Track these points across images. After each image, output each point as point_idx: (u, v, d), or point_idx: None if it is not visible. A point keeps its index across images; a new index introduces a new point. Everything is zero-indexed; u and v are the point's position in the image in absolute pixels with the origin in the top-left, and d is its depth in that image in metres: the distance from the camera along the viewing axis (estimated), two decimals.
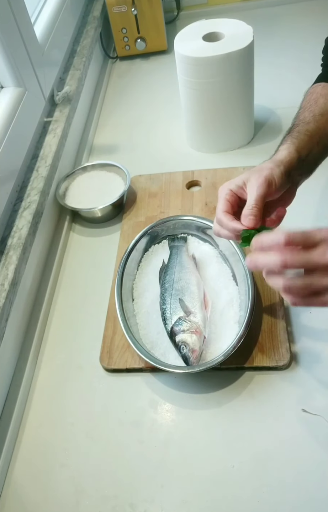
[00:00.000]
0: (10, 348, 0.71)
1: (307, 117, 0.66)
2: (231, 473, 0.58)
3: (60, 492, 0.60)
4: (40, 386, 0.70)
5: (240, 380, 0.65)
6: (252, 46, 0.86)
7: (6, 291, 0.65)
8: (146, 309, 0.73)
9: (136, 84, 1.27)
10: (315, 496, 0.55)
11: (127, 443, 0.63)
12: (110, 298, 0.77)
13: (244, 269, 0.71)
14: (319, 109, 0.66)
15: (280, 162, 0.59)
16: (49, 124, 0.93)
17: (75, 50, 1.14)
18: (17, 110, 0.81)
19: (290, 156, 0.59)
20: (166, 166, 0.98)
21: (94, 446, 0.63)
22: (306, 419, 0.61)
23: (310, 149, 0.62)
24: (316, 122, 0.65)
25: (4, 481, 0.62)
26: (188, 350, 0.64)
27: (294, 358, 0.66)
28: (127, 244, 0.81)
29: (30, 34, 0.89)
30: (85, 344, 0.73)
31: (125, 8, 1.23)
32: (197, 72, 0.87)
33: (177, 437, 0.62)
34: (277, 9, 1.40)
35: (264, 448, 0.59)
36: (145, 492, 0.58)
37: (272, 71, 1.16)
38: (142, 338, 0.69)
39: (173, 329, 0.66)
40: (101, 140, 1.12)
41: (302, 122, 0.66)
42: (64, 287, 0.83)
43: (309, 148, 0.62)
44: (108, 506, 0.58)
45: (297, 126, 0.65)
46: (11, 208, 0.78)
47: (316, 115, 0.66)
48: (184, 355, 0.64)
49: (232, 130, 0.98)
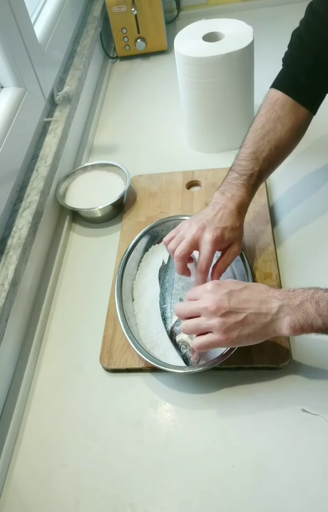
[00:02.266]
0: (10, 348, 0.71)
1: (263, 146, 0.70)
2: (231, 473, 0.58)
3: (60, 492, 0.60)
4: (40, 386, 0.70)
5: (240, 380, 0.65)
6: (252, 46, 0.86)
7: (6, 291, 0.65)
8: (146, 308, 0.73)
9: (136, 84, 1.27)
10: (315, 496, 0.55)
11: (127, 443, 0.63)
12: (110, 298, 0.77)
13: (245, 268, 0.71)
14: (276, 140, 0.70)
15: (234, 209, 0.68)
16: (49, 124, 0.93)
17: (75, 50, 1.14)
18: (17, 110, 0.81)
19: (242, 198, 0.68)
20: (166, 166, 0.98)
21: (94, 446, 0.63)
22: (306, 419, 0.61)
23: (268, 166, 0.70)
24: (271, 154, 0.70)
25: (4, 481, 0.62)
26: (188, 350, 0.64)
27: (294, 358, 0.66)
28: (127, 244, 0.81)
29: (30, 34, 0.89)
30: (85, 344, 0.73)
31: (125, 8, 1.23)
32: (197, 72, 0.87)
33: (177, 437, 0.62)
34: (277, 9, 1.40)
35: (264, 448, 0.59)
36: (145, 492, 0.58)
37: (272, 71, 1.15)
38: (142, 338, 0.69)
39: (173, 329, 0.67)
40: (101, 140, 1.12)
41: (258, 150, 0.70)
42: (64, 287, 0.83)
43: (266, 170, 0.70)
44: (108, 506, 0.58)
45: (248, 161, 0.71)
46: (11, 208, 0.78)
47: (272, 148, 0.70)
48: (184, 355, 0.65)
49: (232, 130, 0.98)
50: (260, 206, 0.85)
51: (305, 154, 0.74)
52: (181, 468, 0.60)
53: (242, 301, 0.55)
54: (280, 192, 0.89)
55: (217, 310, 0.55)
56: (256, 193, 0.87)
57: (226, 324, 0.55)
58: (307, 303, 0.54)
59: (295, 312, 0.54)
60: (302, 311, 0.53)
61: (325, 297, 0.53)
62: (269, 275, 0.73)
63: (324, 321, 0.53)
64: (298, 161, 0.75)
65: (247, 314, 0.54)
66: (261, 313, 0.54)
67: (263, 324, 0.55)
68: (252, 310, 0.54)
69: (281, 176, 0.91)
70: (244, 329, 0.55)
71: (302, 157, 0.75)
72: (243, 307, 0.55)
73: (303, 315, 0.53)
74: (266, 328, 0.55)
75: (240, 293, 0.56)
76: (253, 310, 0.54)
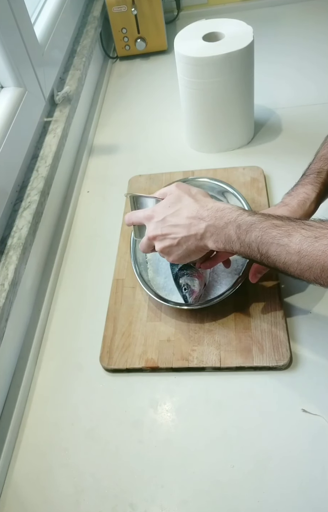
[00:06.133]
0: (10, 348, 0.71)
1: None
2: (231, 473, 0.58)
3: (60, 492, 0.60)
4: (40, 386, 0.70)
5: (240, 380, 0.66)
6: (252, 46, 0.86)
7: (6, 291, 0.65)
8: (158, 256, 0.78)
9: (136, 84, 1.27)
10: (315, 496, 0.55)
11: (127, 443, 0.63)
12: (110, 298, 0.77)
13: None
14: None
15: (294, 205, 0.68)
16: (49, 124, 0.93)
17: (75, 50, 1.14)
18: (17, 110, 0.81)
19: (306, 194, 0.68)
20: (166, 166, 0.98)
21: (94, 446, 0.63)
22: (306, 419, 0.61)
23: None
24: None
25: (4, 481, 0.62)
26: (189, 291, 0.70)
27: (294, 358, 0.66)
28: (127, 244, 0.81)
29: (30, 34, 0.89)
30: (85, 344, 0.73)
31: (125, 8, 1.23)
32: (197, 72, 0.87)
33: (177, 437, 0.62)
34: (277, 9, 1.40)
35: (264, 448, 0.59)
36: (145, 492, 0.58)
37: (272, 71, 1.16)
38: (150, 280, 0.76)
39: (178, 272, 0.72)
40: (101, 140, 1.12)
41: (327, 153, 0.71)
42: (64, 287, 0.83)
43: None
44: (108, 506, 0.58)
45: None
46: (11, 208, 0.78)
47: None
48: (184, 295, 0.71)
49: (232, 130, 0.98)
50: (260, 206, 0.85)
51: (305, 154, 0.74)
52: (181, 468, 0.60)
53: (173, 226, 0.62)
54: (280, 192, 0.89)
55: (154, 238, 0.64)
56: (256, 193, 0.87)
57: (164, 248, 0.64)
58: (230, 225, 0.58)
59: (219, 233, 0.59)
60: (224, 234, 0.58)
61: (247, 221, 0.56)
62: (269, 276, 0.73)
63: (241, 245, 0.57)
64: (299, 161, 0.75)
65: (179, 238, 0.61)
66: (191, 235, 0.61)
67: (195, 243, 0.61)
68: (182, 234, 0.61)
69: (281, 176, 0.91)
70: (180, 250, 0.63)
71: (302, 157, 0.75)
72: (174, 231, 0.62)
73: (225, 237, 0.58)
74: (198, 246, 0.61)
75: (172, 218, 0.62)
76: (183, 233, 0.61)
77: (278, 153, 0.97)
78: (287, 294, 0.73)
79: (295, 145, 0.98)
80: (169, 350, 0.69)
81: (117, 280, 0.79)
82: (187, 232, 0.61)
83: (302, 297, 0.73)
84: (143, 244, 0.67)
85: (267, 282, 0.73)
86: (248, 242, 0.55)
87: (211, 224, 0.59)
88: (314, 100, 1.07)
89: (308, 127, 1.01)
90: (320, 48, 1.22)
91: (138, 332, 0.72)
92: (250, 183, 0.90)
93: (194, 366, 0.66)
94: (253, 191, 0.88)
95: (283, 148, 0.98)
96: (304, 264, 0.51)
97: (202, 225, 0.60)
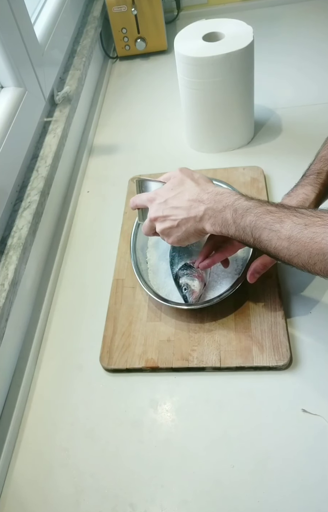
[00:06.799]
0: (10, 348, 0.71)
1: None
2: (231, 473, 0.58)
3: (60, 492, 0.60)
4: (40, 386, 0.70)
5: (240, 380, 0.66)
6: (252, 46, 0.86)
7: (6, 291, 0.65)
8: (158, 256, 0.79)
9: (136, 84, 1.27)
10: (315, 496, 0.55)
11: (127, 443, 0.63)
12: (110, 298, 0.77)
13: None
14: None
15: None
16: (49, 124, 0.93)
17: (75, 50, 1.14)
18: (17, 110, 0.81)
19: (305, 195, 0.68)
20: (166, 166, 0.98)
21: (94, 446, 0.63)
22: (306, 419, 0.61)
23: None
24: None
25: (4, 481, 0.62)
26: (189, 291, 0.71)
27: (294, 358, 0.66)
28: (127, 244, 0.81)
29: (30, 34, 0.89)
30: (85, 344, 0.73)
31: (125, 8, 1.23)
32: (197, 72, 0.87)
33: (177, 437, 0.62)
34: (277, 9, 1.40)
35: (264, 448, 0.59)
36: (145, 492, 0.58)
37: (272, 71, 1.16)
38: (150, 280, 0.76)
39: (178, 272, 0.73)
40: (101, 140, 1.12)
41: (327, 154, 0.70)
42: (64, 287, 0.83)
43: None
44: (108, 506, 0.58)
45: None
46: (11, 208, 0.78)
47: None
48: (184, 296, 0.71)
49: (232, 130, 0.98)
50: None
51: (306, 154, 0.74)
52: (181, 468, 0.60)
53: (174, 208, 0.63)
54: (280, 192, 0.89)
55: (155, 219, 0.65)
56: (256, 193, 0.87)
57: (164, 230, 0.65)
58: (228, 209, 0.58)
59: (217, 216, 0.59)
60: (221, 217, 0.59)
61: (243, 206, 0.57)
62: (269, 275, 0.73)
63: (237, 229, 0.57)
64: (299, 161, 0.75)
65: (179, 220, 0.63)
66: (190, 217, 0.62)
67: (194, 226, 0.62)
68: (182, 216, 0.62)
69: (281, 176, 0.91)
70: (179, 232, 0.64)
71: (303, 157, 0.74)
72: (175, 213, 0.63)
73: (222, 220, 0.59)
74: (196, 228, 0.62)
75: (173, 200, 0.64)
76: (183, 215, 0.62)
77: (278, 153, 0.97)
78: (287, 294, 0.73)
79: (295, 145, 0.98)
80: (169, 350, 0.69)
81: (117, 280, 0.79)
82: (187, 214, 0.62)
83: (302, 297, 0.73)
84: (145, 226, 0.68)
85: (267, 282, 0.73)
86: (243, 226, 0.56)
87: (210, 207, 0.60)
88: (314, 100, 1.07)
89: (309, 127, 1.01)
90: (320, 47, 1.22)
91: (138, 332, 0.72)
92: (250, 183, 0.90)
93: (194, 366, 0.67)
94: (253, 191, 0.88)
95: (283, 148, 0.98)
96: (293, 250, 0.52)
97: (202, 207, 0.61)
